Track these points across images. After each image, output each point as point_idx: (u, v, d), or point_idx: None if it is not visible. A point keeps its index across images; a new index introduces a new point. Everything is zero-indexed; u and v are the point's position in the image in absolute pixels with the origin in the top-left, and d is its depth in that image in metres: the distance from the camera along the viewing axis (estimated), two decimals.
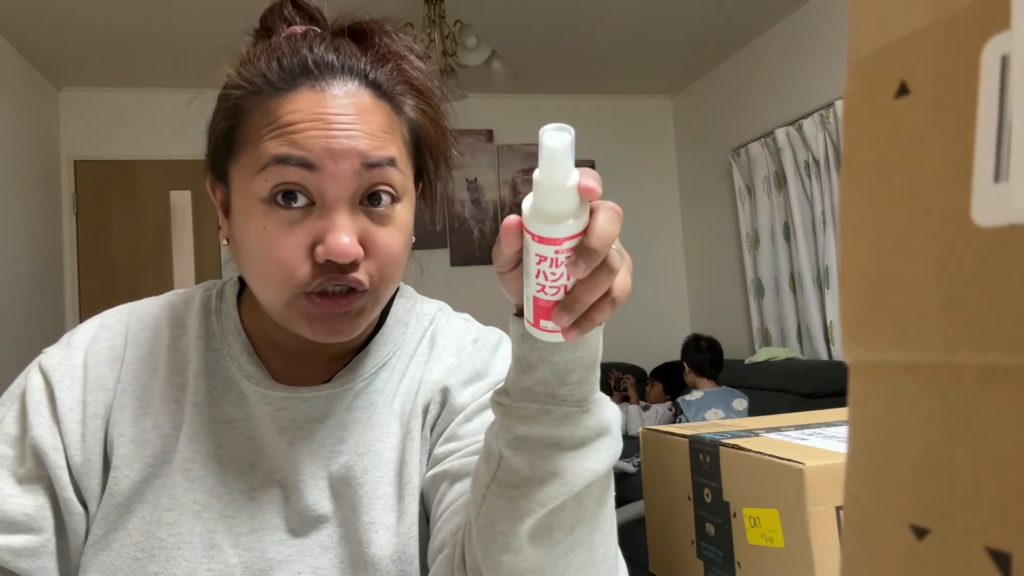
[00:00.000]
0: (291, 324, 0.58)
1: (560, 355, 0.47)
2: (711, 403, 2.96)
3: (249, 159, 0.56)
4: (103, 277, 3.83)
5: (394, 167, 0.57)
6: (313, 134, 0.54)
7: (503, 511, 0.47)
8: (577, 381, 0.47)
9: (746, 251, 3.87)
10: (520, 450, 0.47)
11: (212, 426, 0.61)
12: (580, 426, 0.47)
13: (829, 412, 0.78)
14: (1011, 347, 0.18)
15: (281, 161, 0.54)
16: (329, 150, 0.54)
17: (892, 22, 0.22)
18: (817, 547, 0.53)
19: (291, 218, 0.55)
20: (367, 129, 0.56)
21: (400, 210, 0.59)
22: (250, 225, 0.56)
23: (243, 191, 0.57)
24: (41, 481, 0.58)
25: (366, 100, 0.57)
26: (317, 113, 0.55)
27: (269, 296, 0.57)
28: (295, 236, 0.55)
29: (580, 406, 0.48)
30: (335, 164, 0.54)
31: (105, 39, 3.28)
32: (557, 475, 0.47)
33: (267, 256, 0.55)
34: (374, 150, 0.56)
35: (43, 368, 0.62)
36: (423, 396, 0.65)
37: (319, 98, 0.55)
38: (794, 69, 3.48)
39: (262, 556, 0.59)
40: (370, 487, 0.61)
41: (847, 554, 0.23)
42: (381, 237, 0.57)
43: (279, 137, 0.54)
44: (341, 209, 0.55)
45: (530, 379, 0.47)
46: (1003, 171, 0.18)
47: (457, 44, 2.92)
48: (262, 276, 0.57)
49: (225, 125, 0.58)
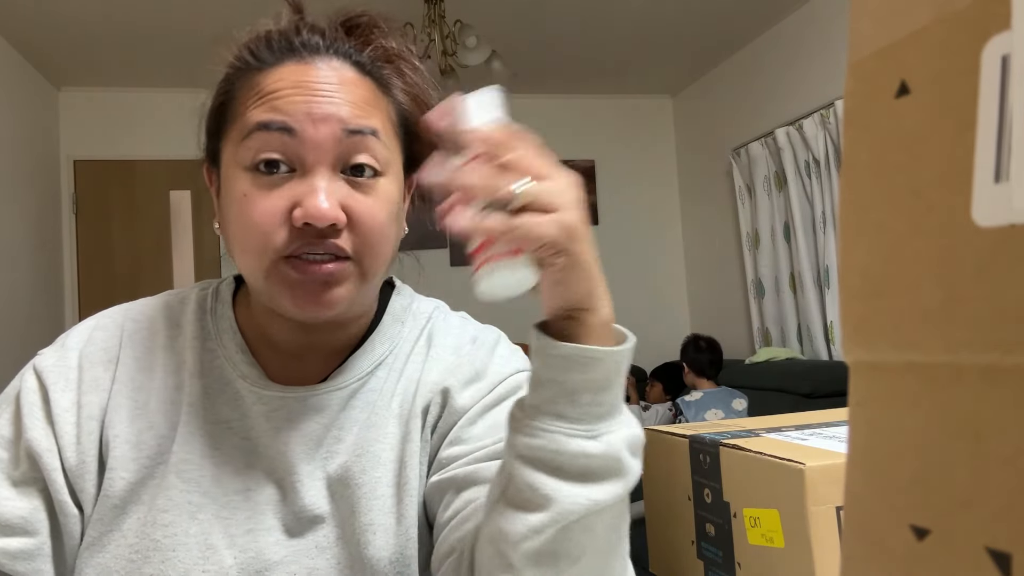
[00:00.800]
0: (274, 298, 0.57)
1: (569, 375, 0.46)
2: (711, 403, 2.96)
3: (235, 131, 0.57)
4: (103, 277, 3.83)
5: (377, 138, 0.57)
6: (295, 99, 0.55)
7: (505, 530, 0.47)
8: (588, 403, 0.46)
9: (746, 251, 3.87)
10: (524, 469, 0.47)
11: (207, 427, 0.61)
12: (583, 453, 0.46)
13: (829, 412, 0.78)
14: (1011, 347, 0.18)
15: (263, 127, 0.55)
16: (309, 114, 0.55)
17: (892, 22, 0.22)
18: (817, 547, 0.53)
19: (271, 183, 0.55)
20: (349, 98, 0.57)
21: (384, 183, 0.59)
22: (233, 195, 0.57)
23: (230, 164, 0.58)
24: (36, 483, 0.58)
25: (350, 74, 0.59)
26: (300, 80, 0.56)
27: (250, 266, 0.57)
28: (273, 200, 0.55)
29: (587, 432, 0.46)
30: (315, 128, 0.55)
31: (105, 39, 3.28)
32: (554, 501, 0.46)
33: (246, 221, 0.55)
34: (355, 118, 0.56)
35: (37, 370, 0.61)
36: (422, 397, 0.65)
37: (303, 68, 0.57)
38: (794, 69, 3.48)
39: (258, 557, 0.58)
40: (368, 488, 0.61)
41: (847, 554, 0.23)
42: (363, 206, 0.57)
43: (262, 105, 0.56)
44: (320, 173, 0.55)
45: (539, 397, 0.47)
46: (1003, 171, 0.18)
47: (457, 44, 2.92)
48: (242, 243, 0.57)
49: (216, 103, 0.60)
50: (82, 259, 3.82)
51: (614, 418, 0.48)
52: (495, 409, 0.63)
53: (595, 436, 0.46)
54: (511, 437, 0.49)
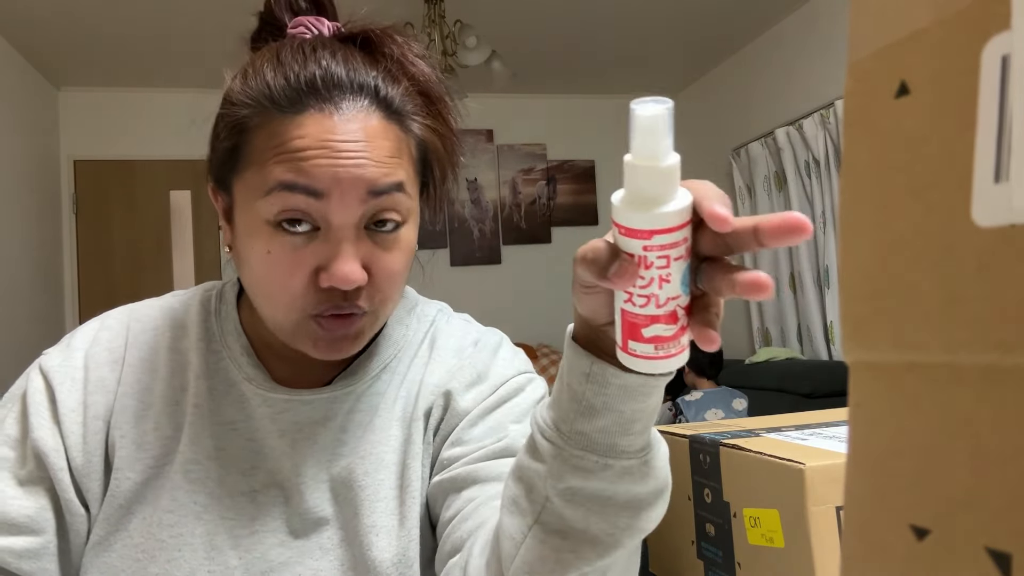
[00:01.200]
0: (295, 343, 0.59)
1: (629, 404, 0.42)
2: (711, 403, 2.96)
3: (255, 179, 0.55)
4: (103, 277, 3.83)
5: (401, 192, 0.57)
6: (321, 162, 0.53)
7: (546, 561, 0.44)
8: (639, 431, 0.43)
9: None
10: (572, 502, 0.44)
11: (213, 428, 0.61)
12: (639, 483, 0.44)
13: (829, 412, 0.78)
14: (1011, 347, 0.18)
15: (288, 188, 0.53)
16: (336, 179, 0.53)
17: (892, 22, 0.22)
18: (817, 547, 0.53)
19: (295, 243, 0.55)
20: (375, 156, 0.55)
21: (405, 232, 0.59)
22: (255, 246, 0.56)
23: (248, 210, 0.56)
24: (43, 483, 0.58)
25: (375, 124, 0.56)
26: (325, 140, 0.54)
27: (274, 317, 0.58)
28: (300, 262, 0.55)
29: (640, 458, 0.44)
30: (341, 192, 0.54)
31: (105, 39, 3.28)
32: (610, 534, 0.44)
33: (272, 280, 0.56)
34: (382, 177, 0.55)
35: (44, 370, 0.62)
36: (424, 400, 0.65)
37: (328, 124, 0.54)
38: (794, 69, 3.47)
39: (262, 558, 0.59)
40: (371, 490, 0.61)
41: (847, 554, 0.23)
42: (384, 262, 0.57)
43: (286, 163, 0.53)
44: (346, 236, 0.55)
45: (590, 425, 0.43)
46: (1003, 171, 0.18)
47: (457, 44, 2.92)
48: (267, 298, 0.57)
49: (230, 143, 0.57)
50: (82, 259, 3.82)
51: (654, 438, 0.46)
52: (497, 411, 0.63)
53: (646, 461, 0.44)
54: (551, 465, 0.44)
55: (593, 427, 0.43)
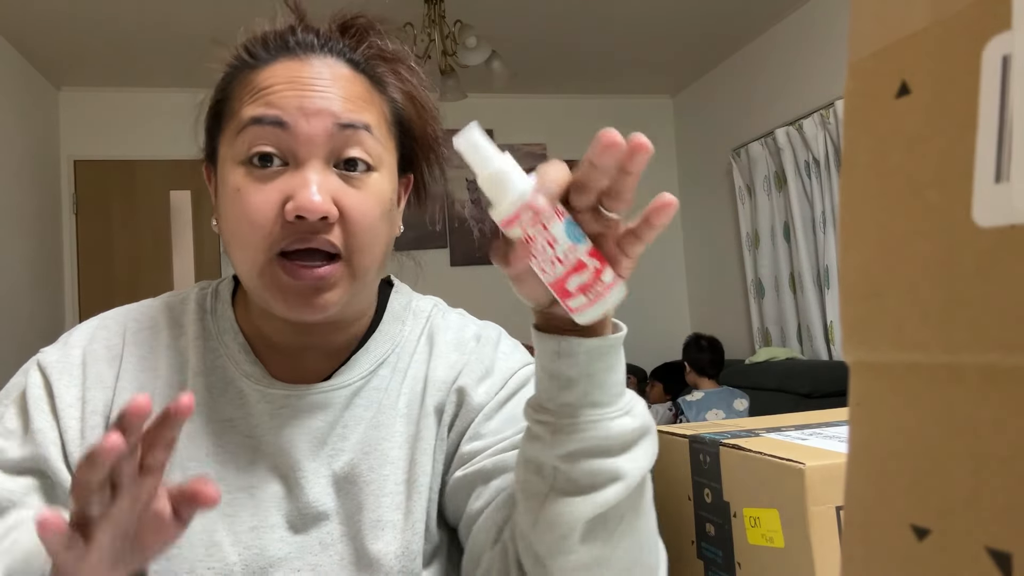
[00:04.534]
0: (266, 300, 0.58)
1: (598, 364, 0.49)
2: (712, 403, 2.96)
3: (231, 127, 0.58)
4: (103, 277, 3.82)
5: (369, 133, 0.58)
6: (287, 94, 0.56)
7: (564, 515, 0.50)
8: (612, 384, 0.50)
9: (746, 251, 3.87)
10: (576, 462, 0.49)
11: (211, 425, 0.62)
12: (627, 429, 0.50)
13: (829, 412, 0.78)
14: (1011, 347, 0.18)
15: (256, 121, 0.55)
16: (302, 108, 0.55)
17: (892, 22, 0.22)
18: (817, 547, 0.53)
19: (264, 176, 0.56)
20: (342, 93, 0.57)
21: (376, 179, 0.59)
22: (228, 189, 0.57)
23: (226, 160, 0.58)
24: (34, 473, 0.58)
25: (344, 71, 0.59)
26: (293, 76, 0.57)
27: (244, 263, 0.57)
28: (266, 193, 0.55)
29: (622, 408, 0.50)
30: (307, 122, 0.55)
31: (105, 39, 3.28)
32: (616, 478, 0.49)
33: (239, 215, 0.56)
34: (348, 112, 0.57)
35: (41, 365, 0.62)
36: (433, 396, 0.66)
37: (297, 65, 0.58)
38: (794, 69, 3.47)
39: (262, 554, 0.59)
40: (376, 485, 0.62)
41: (847, 554, 0.23)
42: (354, 200, 0.57)
43: (256, 100, 0.56)
44: (313, 167, 0.55)
45: (572, 395, 0.49)
46: (1004, 171, 0.18)
47: (457, 44, 2.92)
48: (236, 238, 0.57)
49: (213, 102, 0.61)
50: (82, 259, 3.82)
51: (627, 390, 0.52)
52: (509, 403, 0.65)
53: (628, 411, 0.50)
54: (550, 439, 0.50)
55: (575, 395, 0.49)
